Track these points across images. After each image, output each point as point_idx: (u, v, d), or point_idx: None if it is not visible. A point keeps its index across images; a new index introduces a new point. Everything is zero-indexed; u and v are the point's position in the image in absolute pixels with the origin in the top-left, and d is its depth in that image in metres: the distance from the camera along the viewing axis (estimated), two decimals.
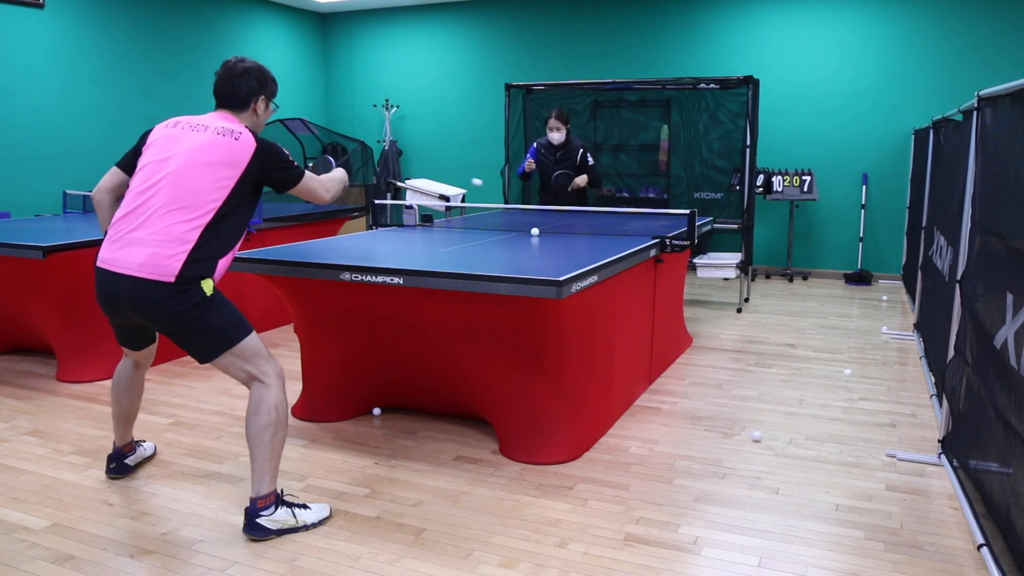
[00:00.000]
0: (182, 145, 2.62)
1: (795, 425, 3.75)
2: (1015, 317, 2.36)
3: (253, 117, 2.82)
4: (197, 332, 2.58)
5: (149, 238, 2.53)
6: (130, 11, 7.49)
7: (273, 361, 2.71)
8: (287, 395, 4.16)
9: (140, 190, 2.61)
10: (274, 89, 2.87)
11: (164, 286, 2.52)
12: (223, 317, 2.61)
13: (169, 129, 2.69)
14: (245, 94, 2.76)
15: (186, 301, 2.54)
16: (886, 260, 7.82)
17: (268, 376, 2.66)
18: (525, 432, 3.32)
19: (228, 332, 2.61)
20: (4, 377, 4.47)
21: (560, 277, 2.88)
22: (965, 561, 2.51)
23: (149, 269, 2.51)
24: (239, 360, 2.64)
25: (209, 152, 2.59)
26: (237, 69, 2.75)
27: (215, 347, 2.61)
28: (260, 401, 2.64)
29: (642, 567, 2.48)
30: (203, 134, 2.63)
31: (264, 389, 2.65)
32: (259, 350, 2.67)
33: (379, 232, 4.58)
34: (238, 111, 2.78)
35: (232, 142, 2.62)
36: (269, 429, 2.63)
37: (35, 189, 6.75)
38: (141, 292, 2.53)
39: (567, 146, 5.84)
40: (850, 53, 7.62)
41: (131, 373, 3.02)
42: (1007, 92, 2.68)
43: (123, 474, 3.14)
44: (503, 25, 9.04)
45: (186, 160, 2.58)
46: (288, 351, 5.11)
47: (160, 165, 2.61)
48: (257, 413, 2.63)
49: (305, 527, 2.70)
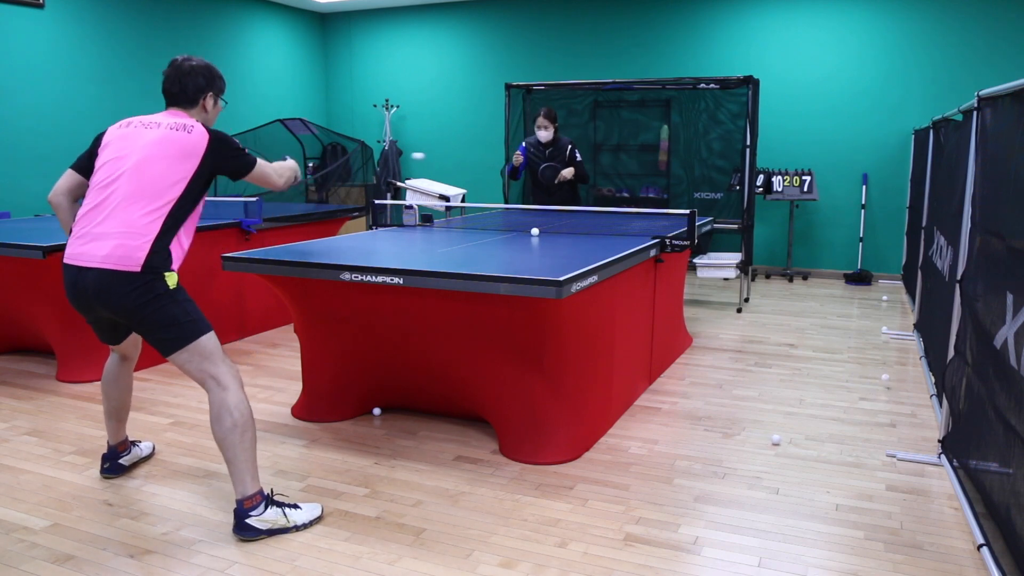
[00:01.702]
0: (138, 142, 2.68)
1: (795, 425, 3.75)
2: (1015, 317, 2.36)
3: (203, 113, 2.87)
4: (159, 324, 2.61)
5: (113, 231, 2.58)
6: (130, 11, 7.49)
7: (229, 363, 2.72)
8: (280, 395, 4.17)
9: (101, 186, 2.66)
10: (221, 86, 2.92)
11: (130, 276, 2.56)
12: (184, 311, 2.65)
13: (123, 129, 2.75)
14: (193, 91, 2.82)
15: (150, 292, 2.58)
16: (886, 260, 7.83)
17: (224, 377, 2.67)
18: (525, 432, 3.32)
19: (188, 327, 2.64)
20: (4, 377, 4.47)
21: (560, 277, 2.88)
22: (965, 561, 2.51)
23: (114, 260, 2.56)
24: (197, 358, 2.66)
25: (165, 146, 2.65)
26: (184, 67, 2.81)
27: (175, 340, 2.63)
28: (220, 405, 2.65)
29: (642, 567, 2.48)
30: (157, 130, 2.69)
31: (222, 392, 2.66)
32: (216, 350, 2.69)
33: (379, 232, 4.58)
34: (188, 108, 2.84)
35: (186, 135, 2.68)
36: (236, 431, 2.63)
37: (35, 189, 6.75)
38: (107, 283, 2.56)
39: (555, 144, 5.91)
40: (850, 53, 7.62)
41: (118, 367, 3.04)
42: (1007, 92, 2.68)
43: (117, 474, 3.14)
44: (503, 25, 9.04)
45: (144, 155, 2.64)
46: (288, 351, 5.11)
47: (119, 162, 2.66)
48: (220, 419, 2.64)
49: (296, 527, 2.70)
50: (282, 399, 4.11)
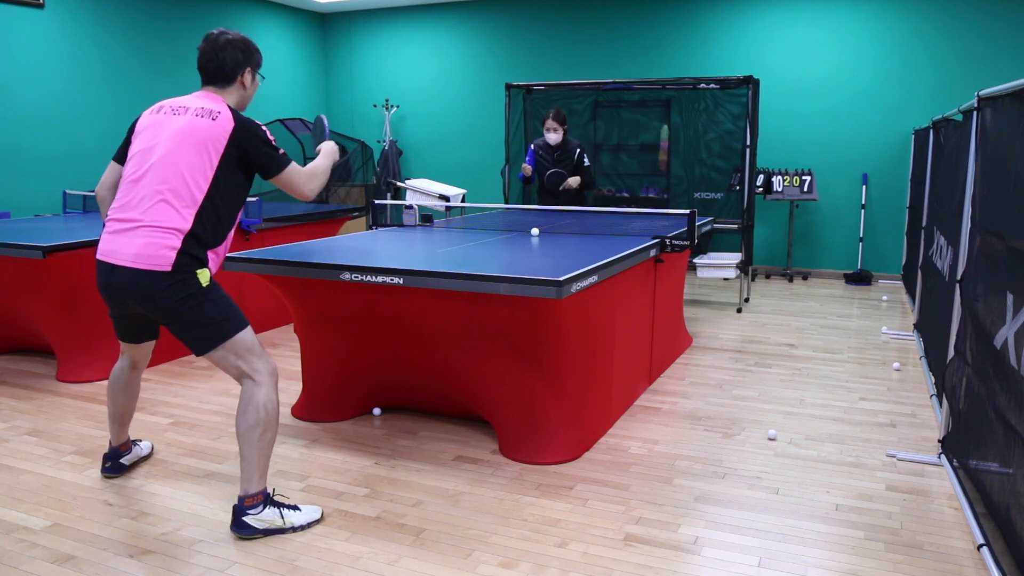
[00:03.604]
0: (165, 131, 2.61)
1: (795, 425, 3.75)
2: (1015, 317, 2.36)
3: (240, 91, 2.77)
4: (192, 323, 2.58)
5: (142, 228, 2.54)
6: (130, 11, 7.49)
7: (267, 358, 2.69)
8: (279, 394, 4.16)
9: (130, 181, 2.62)
10: (259, 60, 2.82)
11: (160, 275, 2.52)
12: (219, 309, 2.61)
13: (153, 115, 2.69)
14: (231, 66, 2.71)
15: (182, 291, 2.54)
16: (886, 260, 7.82)
17: (259, 373, 2.65)
18: (525, 432, 3.32)
19: (223, 325, 2.60)
20: (4, 377, 4.47)
21: (560, 277, 2.88)
22: (965, 561, 2.51)
23: (144, 259, 2.52)
24: (231, 355, 2.63)
25: (188, 136, 2.57)
26: (221, 41, 2.70)
27: (209, 339, 2.60)
28: (250, 399, 2.63)
29: (642, 567, 2.48)
30: (183, 117, 2.61)
31: (255, 387, 2.64)
32: (253, 346, 2.66)
33: (379, 232, 4.58)
34: (224, 86, 2.73)
35: (210, 123, 2.59)
36: (258, 428, 2.62)
37: (35, 189, 6.75)
38: (138, 283, 2.53)
39: (564, 147, 5.87)
40: (850, 53, 7.62)
41: (127, 374, 3.02)
42: (1007, 92, 2.68)
43: (118, 473, 3.14)
44: (503, 25, 9.03)
45: (168, 147, 2.58)
46: (288, 351, 5.11)
47: (147, 154, 2.61)
48: (246, 412, 2.62)
49: (293, 528, 2.69)
50: (282, 399, 4.11)
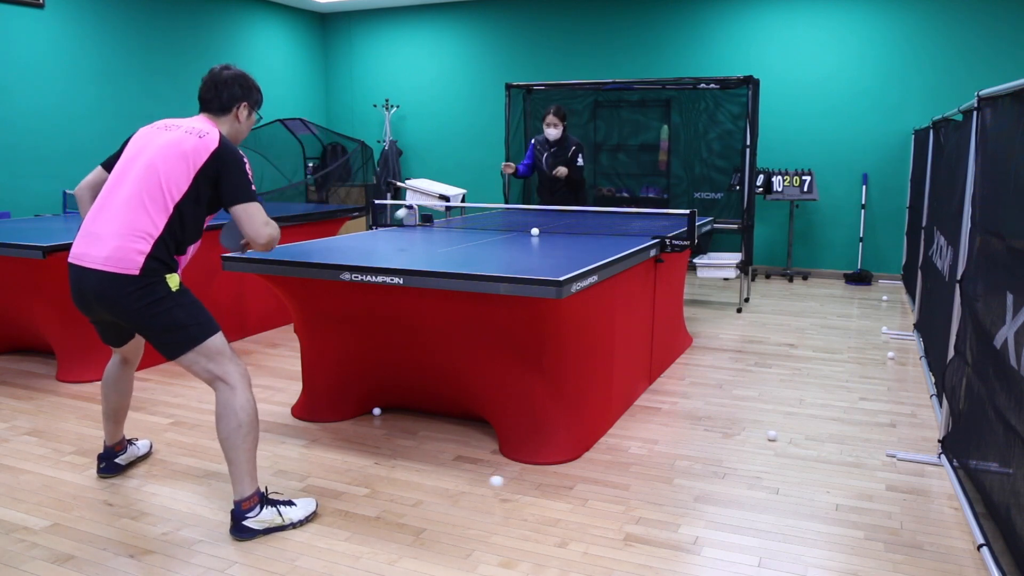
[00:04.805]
0: (153, 143, 2.66)
1: (795, 425, 3.75)
2: (1015, 317, 2.36)
3: (235, 123, 2.83)
4: (162, 327, 2.59)
5: (114, 232, 2.57)
6: (130, 11, 7.49)
7: (237, 362, 2.70)
8: (279, 395, 4.17)
9: (110, 187, 2.66)
10: (258, 99, 2.89)
11: (128, 279, 2.54)
12: (189, 314, 2.62)
13: (148, 129, 2.75)
14: (227, 99, 2.78)
15: (150, 295, 2.56)
16: (886, 260, 7.82)
17: (232, 376, 2.65)
18: (525, 432, 3.32)
19: (193, 329, 2.62)
20: (4, 377, 4.47)
21: (560, 277, 2.88)
22: (965, 561, 2.51)
23: (113, 262, 2.54)
24: (203, 359, 2.63)
25: (173, 148, 2.62)
26: (222, 76, 2.79)
27: (180, 344, 2.61)
28: (227, 404, 2.64)
29: (642, 567, 2.48)
30: (174, 133, 2.67)
31: (229, 392, 2.64)
32: (224, 350, 2.67)
33: (379, 232, 4.58)
34: (219, 115, 2.79)
35: (197, 139, 2.64)
36: (240, 432, 2.62)
37: (35, 189, 6.75)
38: (106, 286, 2.55)
39: (562, 143, 5.89)
40: (850, 53, 7.62)
41: (119, 370, 3.03)
42: (1007, 92, 2.68)
43: (113, 473, 3.14)
44: (503, 25, 9.03)
45: (151, 156, 2.62)
46: (288, 351, 5.11)
47: (130, 163, 2.66)
48: (225, 417, 2.63)
49: (292, 524, 2.70)
50: (282, 399, 4.11)
